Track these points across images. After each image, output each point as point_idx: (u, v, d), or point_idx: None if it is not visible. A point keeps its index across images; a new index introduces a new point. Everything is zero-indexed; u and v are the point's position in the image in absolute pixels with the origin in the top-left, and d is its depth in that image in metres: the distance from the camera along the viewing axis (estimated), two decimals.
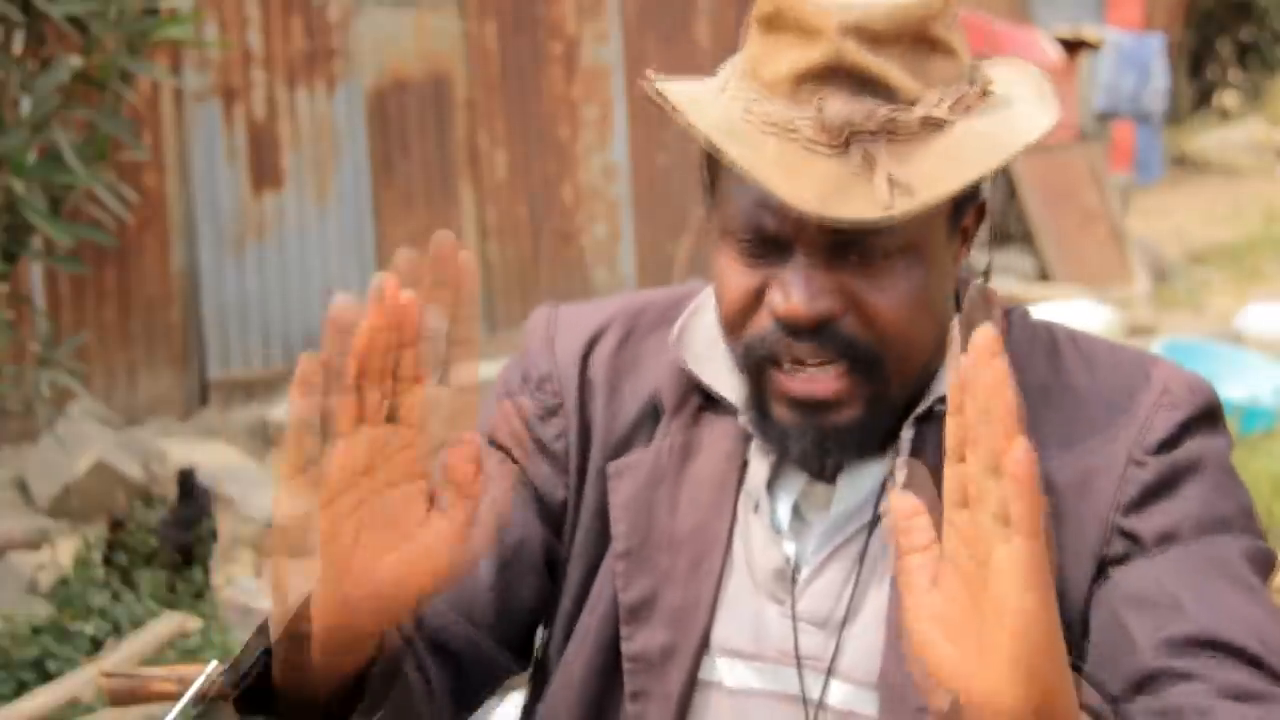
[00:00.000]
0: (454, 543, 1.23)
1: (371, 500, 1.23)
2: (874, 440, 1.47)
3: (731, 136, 1.41)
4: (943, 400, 1.47)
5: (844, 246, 1.41)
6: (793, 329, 1.42)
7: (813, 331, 1.42)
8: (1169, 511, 1.44)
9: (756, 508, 1.53)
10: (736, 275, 1.45)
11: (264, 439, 7.94)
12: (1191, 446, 1.46)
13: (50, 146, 5.31)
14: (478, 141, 9.53)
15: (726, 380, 1.53)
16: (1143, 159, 14.88)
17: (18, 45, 5.40)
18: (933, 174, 1.38)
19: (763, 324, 1.44)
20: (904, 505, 1.21)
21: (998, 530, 1.13)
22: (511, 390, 1.64)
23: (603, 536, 1.58)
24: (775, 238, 1.42)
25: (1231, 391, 7.68)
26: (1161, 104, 14.60)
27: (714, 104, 1.45)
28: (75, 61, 5.43)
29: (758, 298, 1.44)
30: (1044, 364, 1.53)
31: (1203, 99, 18.02)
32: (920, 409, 1.49)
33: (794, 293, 1.41)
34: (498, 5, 9.55)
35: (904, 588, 1.20)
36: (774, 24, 1.42)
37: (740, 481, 1.54)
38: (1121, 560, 1.44)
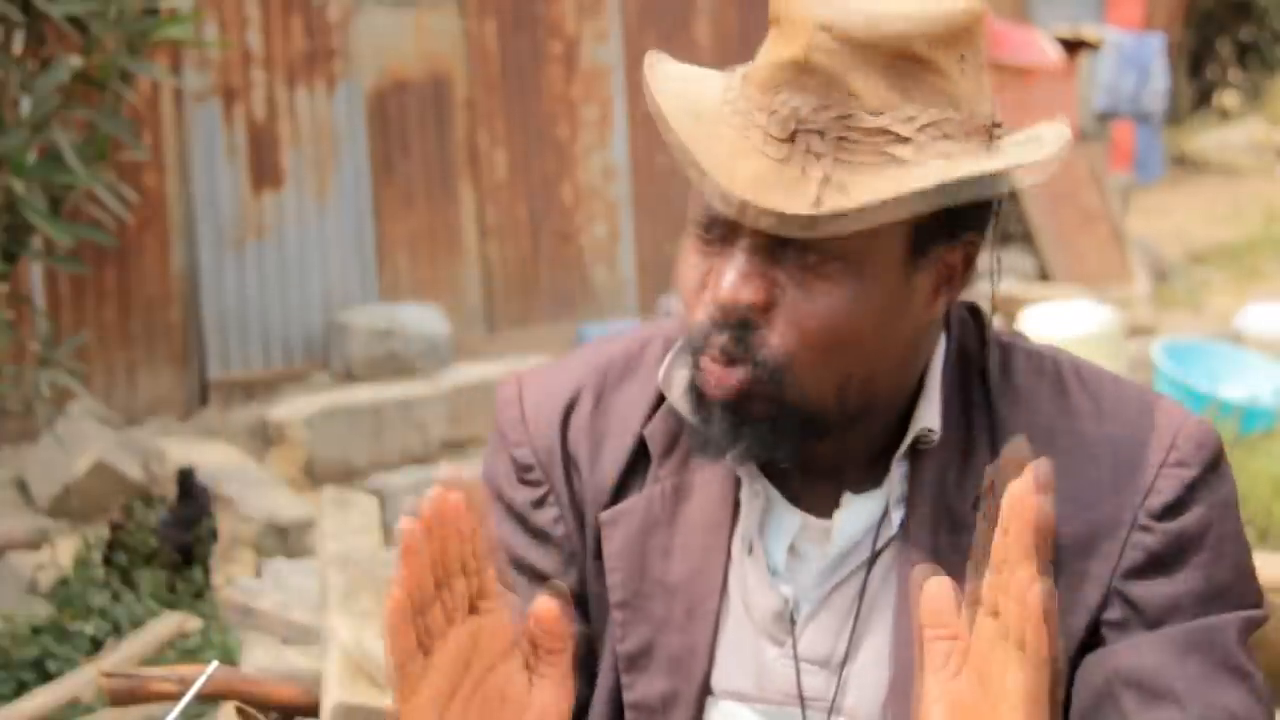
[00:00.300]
0: (564, 690, 1.30)
1: (484, 686, 1.28)
2: (788, 442, 1.45)
3: (691, 117, 1.42)
4: (928, 432, 1.48)
5: (784, 243, 1.40)
6: (718, 319, 1.42)
7: (733, 326, 1.42)
8: (1171, 584, 1.44)
9: (751, 550, 1.52)
10: (689, 261, 1.46)
11: (264, 439, 7.94)
12: (1197, 510, 1.45)
13: (50, 146, 5.31)
14: (478, 141, 9.53)
15: None
16: (1143, 159, 14.88)
17: (18, 45, 5.40)
18: (873, 182, 1.37)
19: (702, 313, 1.45)
20: (938, 591, 1.25)
21: (1013, 653, 1.18)
22: (499, 486, 1.62)
23: (606, 593, 1.57)
24: (724, 222, 1.42)
25: (1231, 391, 7.68)
26: (1161, 104, 14.59)
27: (701, 87, 1.46)
28: (75, 61, 5.44)
29: (704, 286, 1.45)
30: (1050, 402, 1.51)
31: (1203, 99, 18.02)
32: (904, 446, 1.49)
33: (723, 280, 1.42)
34: (498, 5, 9.55)
35: (928, 668, 1.23)
36: (773, 19, 1.44)
37: (733, 523, 1.53)
38: (1119, 626, 1.44)
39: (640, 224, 10.18)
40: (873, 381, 1.46)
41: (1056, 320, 8.00)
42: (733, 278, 1.41)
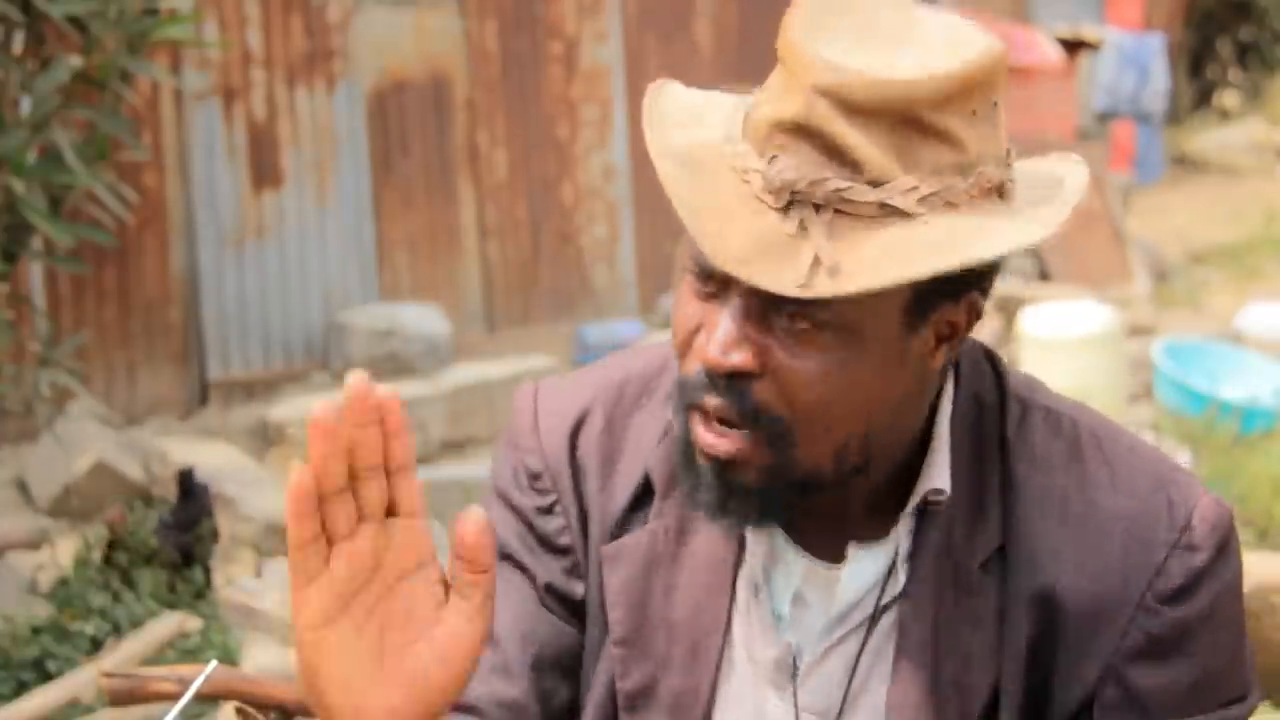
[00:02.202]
0: (478, 621, 1.23)
1: (388, 597, 1.23)
2: (778, 509, 1.43)
3: (690, 167, 1.36)
4: (937, 492, 1.45)
5: (778, 304, 1.35)
6: (710, 377, 1.38)
7: (726, 385, 1.38)
8: (1168, 672, 1.43)
9: (757, 593, 1.50)
10: (684, 308, 1.42)
11: (264, 439, 7.94)
12: (1203, 597, 1.44)
13: (50, 146, 5.31)
14: (478, 141, 9.53)
15: None
16: (1143, 159, 14.88)
17: (18, 45, 5.40)
18: (869, 262, 1.31)
19: (693, 364, 1.40)
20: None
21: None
22: (506, 489, 1.60)
23: (605, 621, 1.55)
24: (718, 279, 1.38)
25: (1231, 391, 7.68)
26: (1161, 104, 14.59)
27: (707, 122, 1.41)
28: (75, 61, 5.44)
29: (695, 336, 1.41)
30: (1065, 468, 1.48)
31: (1203, 99, 18.02)
32: (913, 503, 1.46)
33: (712, 340, 1.37)
34: (498, 5, 9.55)
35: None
36: (780, 57, 1.38)
37: (738, 562, 1.51)
38: (1112, 709, 1.43)
39: (640, 224, 10.18)
40: (872, 440, 1.42)
41: (1056, 320, 8.00)
42: (722, 340, 1.37)
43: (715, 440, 1.40)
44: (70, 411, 7.30)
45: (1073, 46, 12.76)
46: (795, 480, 1.41)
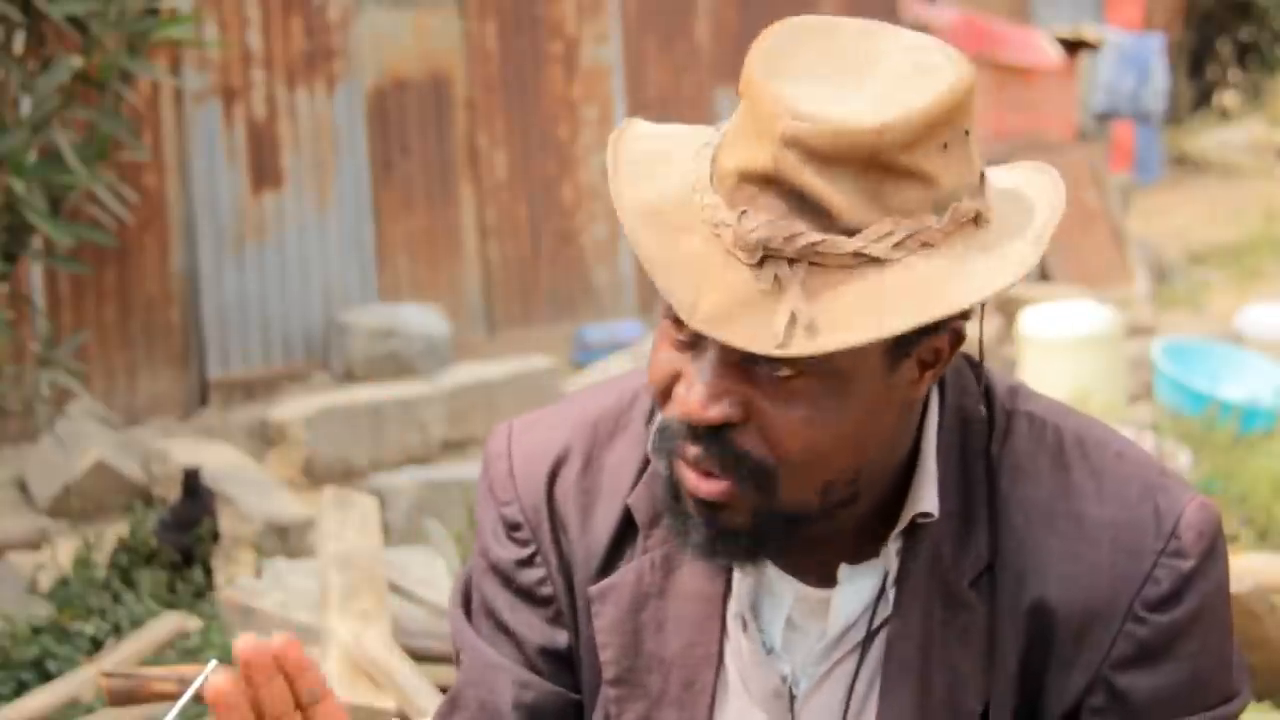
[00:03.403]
0: None
1: None
2: (767, 547, 1.42)
3: (658, 222, 1.34)
4: (925, 515, 1.44)
5: (754, 359, 1.33)
6: (690, 428, 1.37)
7: (708, 435, 1.36)
8: (1157, 676, 1.43)
9: (745, 627, 1.48)
10: (661, 355, 1.40)
11: (264, 439, 7.94)
12: (1191, 602, 1.44)
13: (50, 146, 5.32)
14: (478, 141, 9.53)
15: None
16: (1143, 159, 14.88)
17: (18, 45, 5.40)
18: (847, 317, 1.29)
19: (675, 411, 1.39)
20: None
21: None
22: (487, 544, 1.58)
23: (591, 652, 1.53)
24: (693, 331, 1.35)
25: (1231, 391, 7.68)
26: (1161, 104, 14.59)
27: (675, 166, 1.38)
28: (75, 61, 5.44)
29: (675, 382, 1.39)
30: (1050, 478, 1.47)
31: (1203, 99, 18.02)
32: (901, 526, 1.45)
33: (693, 392, 1.36)
34: (498, 5, 9.55)
35: None
36: (745, 97, 1.36)
37: (727, 591, 1.49)
38: (1099, 714, 1.44)
39: None
40: (859, 475, 1.41)
41: (1056, 320, 7.99)
42: (701, 392, 1.35)
43: (700, 483, 1.39)
44: (70, 411, 7.30)
45: (1073, 46, 12.75)
46: (782, 516, 1.40)
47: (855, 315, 1.30)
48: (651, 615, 1.50)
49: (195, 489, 5.64)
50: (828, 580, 1.47)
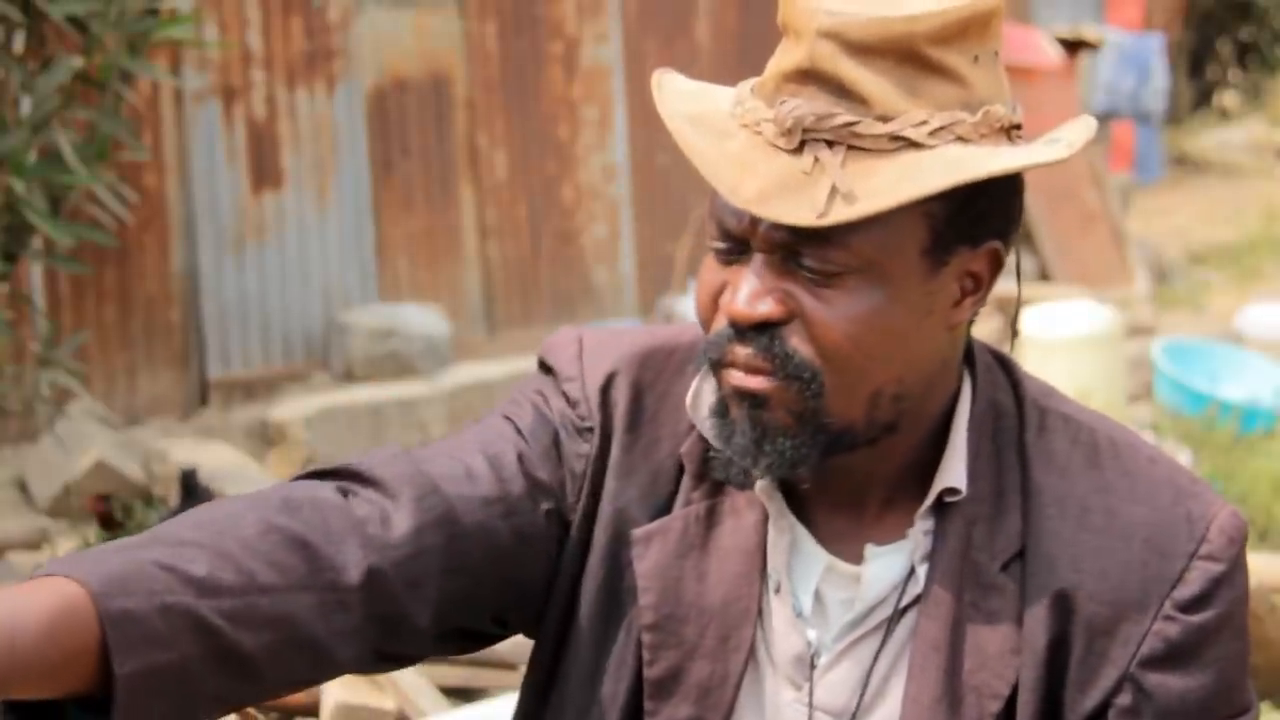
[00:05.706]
0: None
1: None
2: (809, 461, 1.43)
3: (700, 126, 1.41)
4: (951, 491, 1.46)
5: (797, 254, 1.38)
6: (738, 330, 1.41)
7: (755, 335, 1.40)
8: (1185, 679, 1.45)
9: (778, 589, 1.49)
10: (707, 274, 1.45)
11: (264, 439, 7.94)
12: (1219, 606, 1.46)
13: (50, 146, 5.32)
14: (478, 141, 9.53)
15: None
16: (1143, 159, 14.88)
17: (18, 45, 5.40)
18: (885, 187, 1.35)
19: (720, 324, 1.43)
20: None
21: None
22: (533, 397, 1.56)
23: (613, 592, 1.52)
24: (737, 237, 1.41)
25: (1231, 391, 7.68)
26: (1161, 104, 14.59)
27: (707, 101, 1.44)
28: (75, 61, 5.44)
29: (719, 298, 1.44)
30: (1083, 474, 1.49)
31: (1203, 99, 18.02)
32: (928, 502, 1.47)
33: (739, 295, 1.40)
34: (498, 5, 9.55)
35: None
36: (781, 21, 1.42)
37: (764, 554, 1.50)
38: (1128, 713, 1.45)
39: (640, 224, 10.18)
40: (901, 398, 1.43)
41: (1056, 320, 7.99)
42: (747, 293, 1.40)
43: (746, 379, 1.41)
44: (70, 411, 7.30)
45: (1073, 46, 12.74)
46: (828, 431, 1.42)
47: (893, 184, 1.35)
48: (693, 565, 1.51)
49: (193, 489, 5.63)
50: (855, 558, 1.48)
